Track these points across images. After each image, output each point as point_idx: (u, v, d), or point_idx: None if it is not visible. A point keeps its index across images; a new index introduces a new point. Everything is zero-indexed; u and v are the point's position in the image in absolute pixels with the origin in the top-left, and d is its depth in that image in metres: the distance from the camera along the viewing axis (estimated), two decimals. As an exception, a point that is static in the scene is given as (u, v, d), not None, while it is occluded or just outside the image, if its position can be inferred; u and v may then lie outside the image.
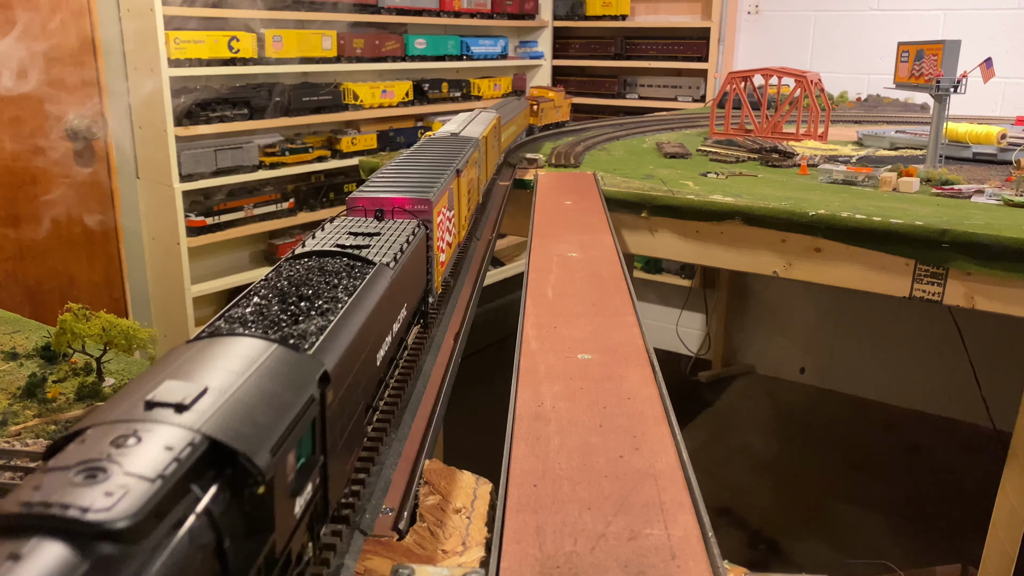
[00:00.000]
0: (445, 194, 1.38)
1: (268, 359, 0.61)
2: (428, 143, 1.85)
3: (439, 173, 1.45)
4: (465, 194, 1.70)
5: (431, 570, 0.73)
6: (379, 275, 0.91)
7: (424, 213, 1.24)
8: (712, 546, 0.69)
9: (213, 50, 3.60)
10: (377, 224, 1.14)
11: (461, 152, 1.71)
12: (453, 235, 1.54)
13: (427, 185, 1.34)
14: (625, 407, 0.95)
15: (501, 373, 1.19)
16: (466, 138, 1.93)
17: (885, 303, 4.53)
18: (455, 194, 1.53)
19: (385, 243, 1.04)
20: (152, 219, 3.73)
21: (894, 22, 4.62)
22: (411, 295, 1.11)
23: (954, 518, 3.60)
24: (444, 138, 1.94)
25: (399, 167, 1.52)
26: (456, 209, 1.57)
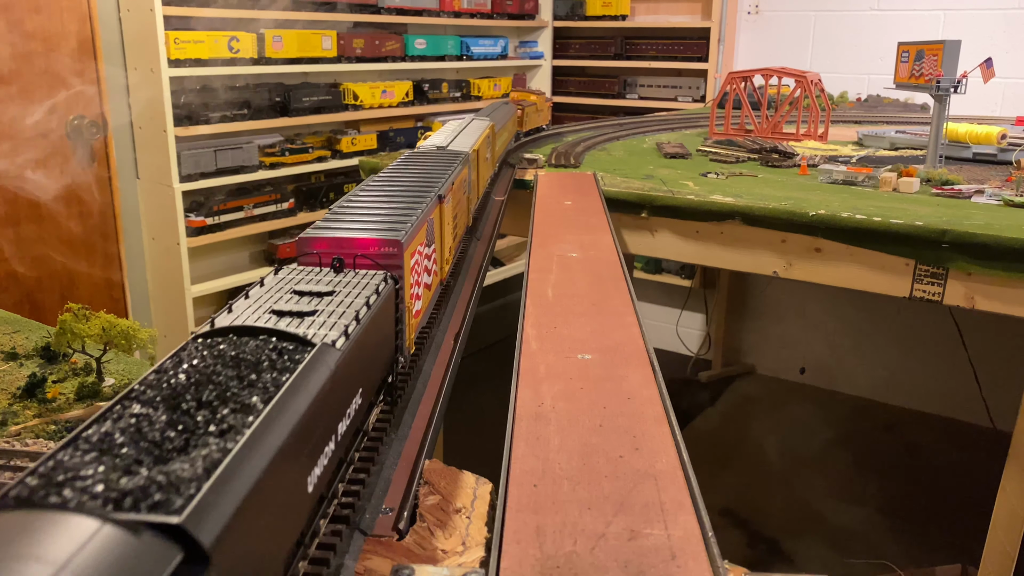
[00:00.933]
0: (422, 228, 1.15)
1: (85, 557, 0.39)
2: (410, 159, 1.62)
3: (416, 203, 1.21)
4: (450, 222, 1.47)
5: (431, 570, 0.73)
6: (319, 362, 0.67)
7: (393, 259, 1.00)
8: (712, 546, 0.69)
9: (213, 50, 3.60)
10: (332, 278, 0.91)
11: (446, 172, 1.48)
12: (434, 273, 1.31)
13: (399, 221, 1.09)
14: (625, 407, 0.95)
15: (501, 373, 1.19)
16: (454, 153, 1.71)
17: (885, 303, 4.54)
18: (436, 225, 1.31)
19: (338, 307, 0.81)
20: (152, 219, 3.73)
21: (894, 22, 4.62)
22: (371, 372, 0.87)
23: (954, 518, 3.60)
24: (428, 153, 1.72)
25: (368, 194, 1.27)
26: (438, 242, 1.34)
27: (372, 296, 0.86)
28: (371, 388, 0.87)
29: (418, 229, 1.12)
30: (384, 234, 1.02)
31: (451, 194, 1.45)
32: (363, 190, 1.29)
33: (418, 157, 1.64)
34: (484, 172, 2.16)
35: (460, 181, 1.59)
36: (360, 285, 0.89)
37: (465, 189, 1.72)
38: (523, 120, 3.32)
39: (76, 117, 3.30)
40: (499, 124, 2.57)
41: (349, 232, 1.02)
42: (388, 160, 2.98)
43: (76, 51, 3.27)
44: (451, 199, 1.46)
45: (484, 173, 2.16)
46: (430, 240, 1.25)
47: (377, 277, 0.93)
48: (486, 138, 2.16)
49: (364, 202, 1.22)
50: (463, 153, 1.72)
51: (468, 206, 1.82)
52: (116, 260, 3.60)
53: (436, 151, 1.73)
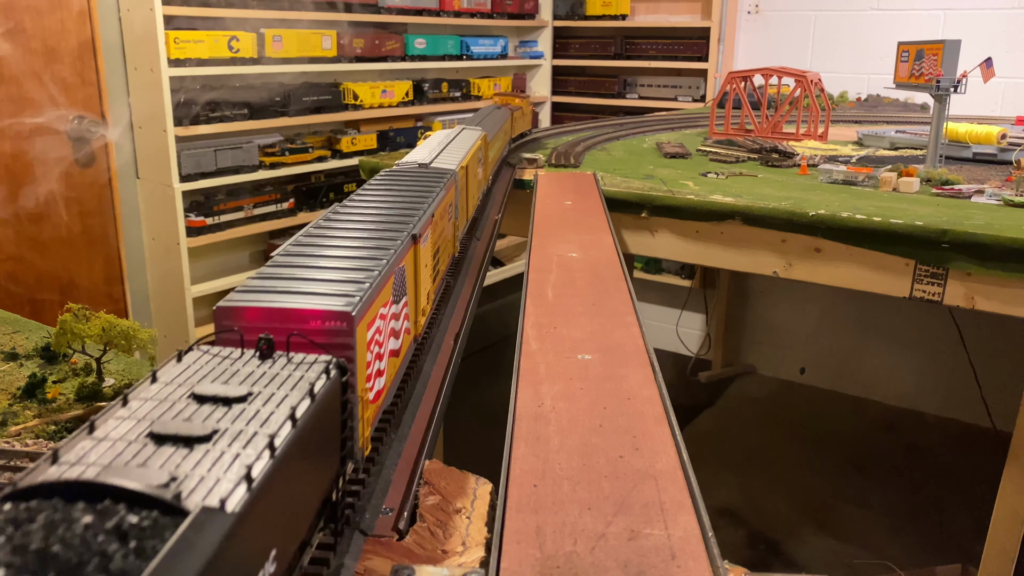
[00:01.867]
0: (388, 283, 0.91)
1: None
2: (384, 181, 1.36)
3: (380, 250, 0.95)
4: (428, 263, 1.21)
5: (431, 570, 0.73)
6: (191, 547, 0.42)
7: (341, 337, 0.76)
8: (712, 546, 0.69)
9: (213, 50, 3.60)
10: (254, 370, 0.66)
11: (425, 200, 1.22)
12: (405, 332, 1.06)
13: (354, 280, 0.84)
14: (625, 407, 0.95)
15: (501, 373, 1.19)
16: (437, 172, 1.46)
17: (885, 303, 4.54)
18: (409, 272, 1.06)
19: (249, 424, 0.56)
20: (152, 219, 3.73)
21: (894, 22, 4.62)
22: (295, 516, 0.61)
23: (954, 518, 3.60)
24: (407, 172, 1.46)
25: (321, 236, 1.01)
26: (410, 293, 1.08)
27: (303, 401, 0.61)
28: (294, 538, 0.61)
29: (380, 287, 0.87)
30: (330, 302, 0.77)
31: (430, 228, 1.19)
32: (317, 229, 1.03)
33: (394, 178, 1.39)
34: (474, 190, 1.91)
35: (443, 208, 1.35)
36: (290, 381, 0.64)
37: (450, 214, 1.48)
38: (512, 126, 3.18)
39: (76, 117, 3.30)
40: (492, 132, 2.32)
41: (283, 299, 0.78)
42: (389, 160, 2.98)
43: (76, 51, 3.27)
44: (430, 235, 1.19)
45: (474, 191, 1.91)
46: (399, 294, 0.99)
47: (316, 366, 0.68)
48: (477, 151, 1.91)
49: (314, 249, 0.95)
50: (448, 172, 1.47)
51: (454, 233, 1.57)
52: (116, 260, 3.60)
53: (417, 169, 1.49)
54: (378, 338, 0.87)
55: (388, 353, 0.94)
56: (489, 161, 2.27)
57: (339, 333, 0.76)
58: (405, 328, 1.05)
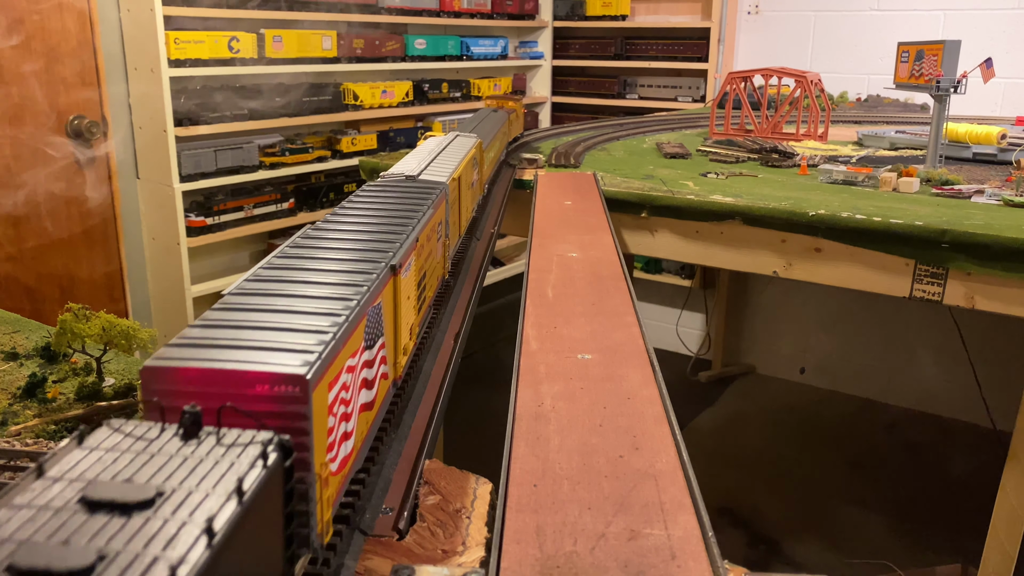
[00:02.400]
0: (358, 327, 0.76)
1: None
2: (366, 197, 1.21)
3: (351, 287, 0.80)
4: (411, 294, 1.05)
5: (431, 570, 0.73)
6: None
7: (292, 405, 0.61)
8: (712, 546, 0.69)
9: (213, 50, 3.60)
10: (173, 454, 0.52)
11: (409, 221, 1.07)
12: (381, 377, 0.89)
13: (315, 329, 0.69)
14: (625, 407, 0.95)
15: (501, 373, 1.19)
16: (426, 186, 1.31)
17: (885, 303, 4.54)
18: (387, 308, 0.90)
19: (149, 546, 0.43)
20: (152, 219, 3.73)
21: (894, 22, 4.62)
22: None
23: (954, 518, 3.60)
24: (392, 185, 1.31)
25: (283, 268, 0.85)
26: (389, 331, 0.92)
27: (227, 504, 0.47)
28: None
29: (349, 333, 0.72)
30: (282, 361, 0.62)
31: (415, 254, 1.04)
32: (282, 259, 0.88)
33: (377, 194, 1.24)
34: (468, 202, 1.77)
35: (431, 228, 1.19)
36: (215, 473, 0.50)
37: (440, 234, 1.33)
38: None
39: (76, 117, 3.30)
40: (488, 137, 2.19)
41: (224, 356, 0.62)
42: (389, 160, 2.98)
43: (76, 51, 3.26)
44: (414, 262, 1.04)
45: (468, 203, 1.77)
46: (374, 336, 0.84)
47: (251, 449, 0.53)
48: (471, 160, 1.77)
49: (274, 286, 0.79)
50: (438, 186, 1.31)
51: (444, 253, 1.41)
52: (116, 260, 3.60)
53: (403, 182, 1.34)
54: (344, 396, 0.72)
55: (358, 409, 0.78)
56: (485, 169, 2.12)
57: (291, 400, 0.61)
58: (381, 373, 0.89)
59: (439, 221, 1.30)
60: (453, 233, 1.53)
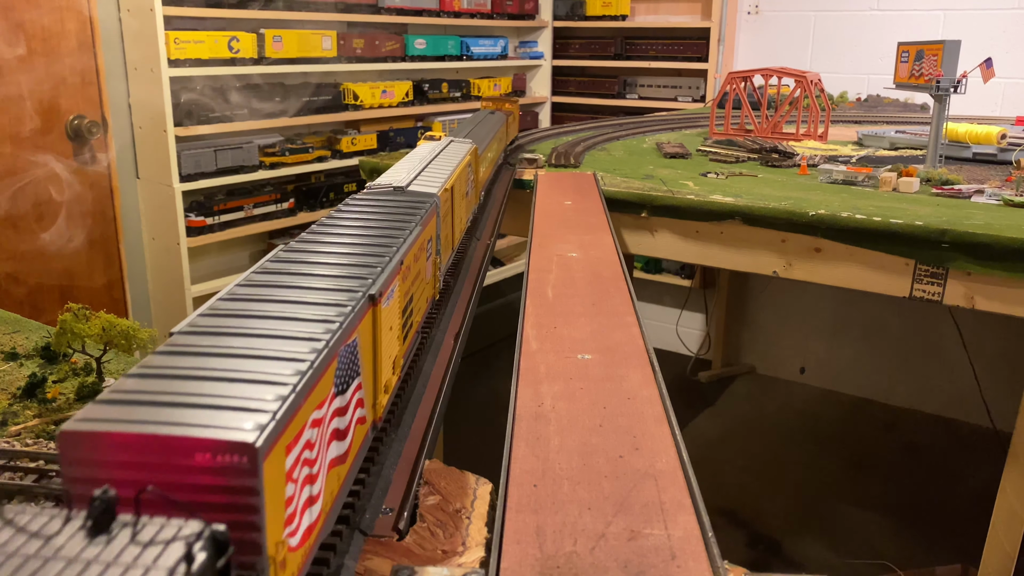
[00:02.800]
0: (327, 370, 0.64)
1: None
2: (349, 212, 1.10)
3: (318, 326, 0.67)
4: (394, 323, 0.92)
5: (431, 570, 0.73)
6: None
7: (239, 478, 0.49)
8: (712, 546, 0.69)
9: (213, 50, 3.60)
10: (70, 558, 0.40)
11: (395, 240, 0.96)
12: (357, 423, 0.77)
13: (273, 379, 0.57)
14: (625, 407, 0.95)
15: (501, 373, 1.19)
16: (416, 198, 1.20)
17: (885, 303, 4.54)
18: (363, 344, 0.77)
19: None
20: (152, 219, 3.73)
21: (894, 22, 4.62)
22: None
23: (954, 518, 3.60)
24: (378, 198, 1.19)
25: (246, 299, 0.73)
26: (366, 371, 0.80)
27: None
28: None
29: (315, 381, 0.60)
30: (227, 423, 0.50)
31: (399, 279, 0.92)
32: (246, 288, 0.75)
33: (360, 208, 1.12)
34: (462, 213, 1.64)
35: (419, 247, 1.08)
36: None
37: (429, 251, 1.21)
38: None
39: (76, 117, 3.30)
40: (484, 141, 2.07)
41: (155, 416, 0.50)
42: (389, 160, 2.98)
43: (76, 51, 3.26)
44: (398, 288, 0.92)
45: (462, 214, 1.64)
46: (347, 378, 0.71)
47: (173, 549, 0.41)
48: (465, 167, 1.65)
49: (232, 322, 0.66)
50: (428, 199, 1.20)
51: (435, 272, 1.29)
52: (116, 260, 3.60)
53: (391, 194, 1.23)
54: (308, 455, 0.60)
55: (327, 465, 0.66)
56: (481, 175, 2.00)
57: (237, 472, 0.48)
58: (357, 418, 0.76)
59: (429, 238, 1.18)
60: (445, 248, 1.40)
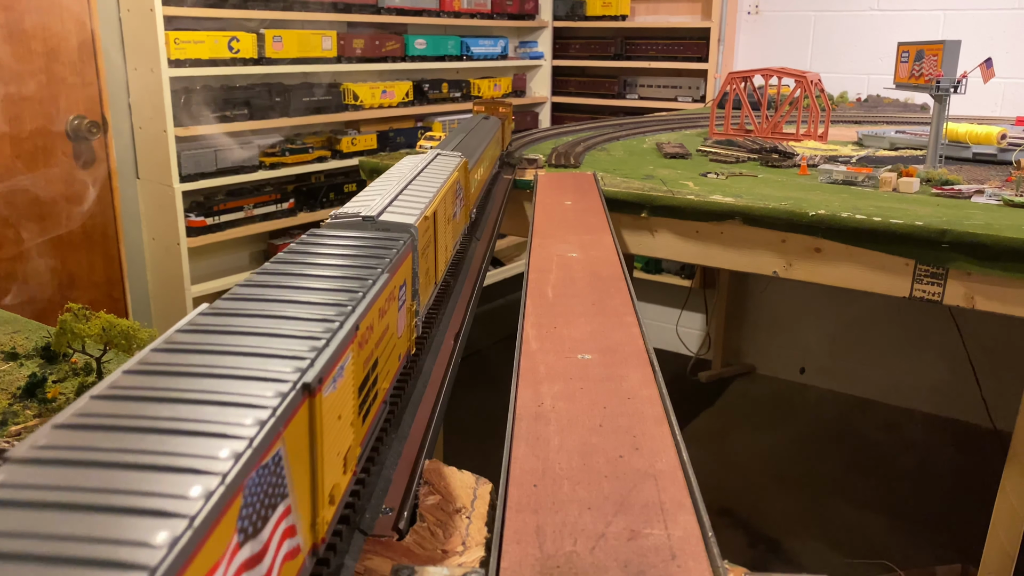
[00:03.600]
0: (221, 518, 0.43)
1: None
2: (301, 253, 0.87)
3: (218, 452, 0.45)
4: (344, 412, 0.69)
5: (431, 570, 0.73)
6: None
7: None
8: (712, 546, 0.69)
9: (213, 50, 3.60)
10: None
11: (353, 296, 0.74)
12: (286, 557, 0.55)
13: (119, 564, 0.36)
14: (625, 407, 0.95)
15: (501, 373, 1.19)
16: (387, 232, 0.99)
17: (885, 303, 4.54)
18: (295, 453, 0.56)
19: None
20: (152, 219, 3.73)
21: (894, 22, 4.62)
22: None
23: (954, 518, 3.60)
24: (341, 234, 0.96)
25: (120, 398, 0.52)
26: (302, 486, 0.58)
27: None
28: None
29: (199, 543, 0.40)
30: None
31: (352, 350, 0.69)
32: (132, 376, 0.57)
33: (317, 247, 0.90)
34: (447, 240, 1.41)
35: (388, 296, 0.86)
36: None
37: (402, 297, 0.98)
38: None
39: (76, 117, 3.30)
40: (476, 151, 1.89)
41: None
42: (389, 161, 2.98)
43: (76, 51, 3.26)
44: (352, 360, 0.69)
45: (447, 242, 1.41)
46: (261, 515, 0.50)
47: None
48: (452, 186, 1.44)
49: (94, 437, 0.46)
50: (402, 233, 0.99)
51: (411, 321, 1.05)
52: (116, 260, 3.60)
53: (358, 225, 1.03)
54: None
55: None
56: (472, 192, 1.78)
57: None
58: (286, 553, 0.55)
59: (401, 282, 0.96)
60: (425, 287, 1.17)
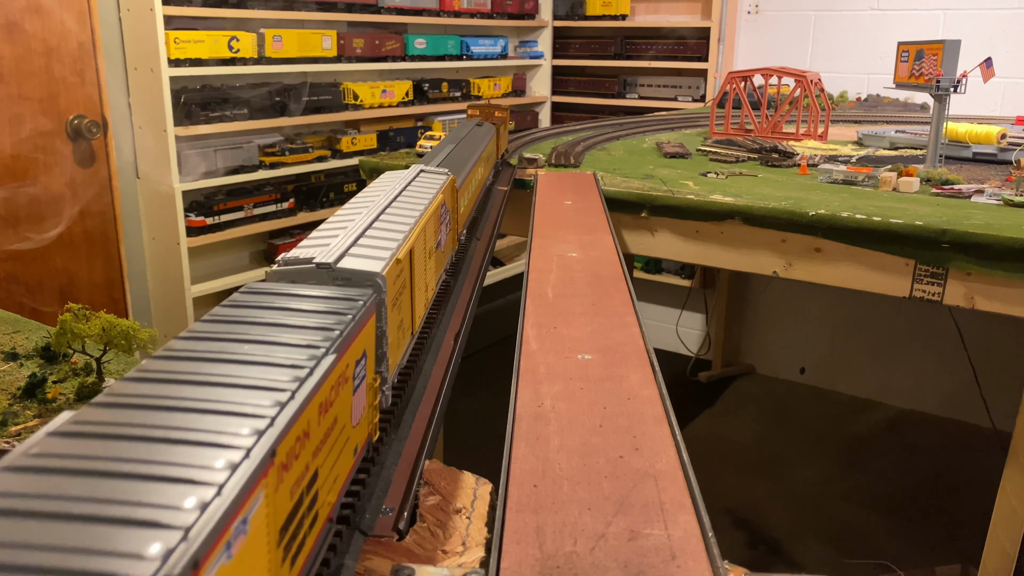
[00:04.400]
0: None
1: None
2: (223, 323, 0.66)
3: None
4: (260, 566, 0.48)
5: (431, 570, 0.73)
6: None
7: None
8: (712, 546, 0.69)
9: (213, 50, 3.60)
10: None
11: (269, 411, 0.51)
12: None
13: None
14: (625, 407, 0.95)
15: (501, 373, 1.19)
16: (346, 288, 0.78)
17: (885, 303, 4.54)
18: None
19: None
20: (152, 219, 3.73)
21: (894, 22, 4.62)
22: None
23: (954, 518, 3.60)
24: (284, 292, 0.75)
25: None
26: None
27: None
28: None
29: None
30: None
31: (262, 490, 0.48)
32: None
33: (249, 315, 0.68)
34: (429, 276, 1.18)
35: (339, 376, 0.66)
36: None
37: (360, 372, 0.75)
38: None
39: (76, 117, 3.30)
40: (467, 167, 1.66)
41: None
42: (389, 160, 2.98)
43: (76, 51, 3.26)
44: (263, 503, 0.48)
45: (429, 278, 1.18)
46: None
47: None
48: (436, 211, 1.21)
49: None
50: (364, 289, 0.78)
51: (374, 400, 0.82)
52: (116, 260, 3.60)
53: (311, 275, 0.81)
54: None
55: None
56: (461, 214, 1.58)
57: None
58: None
59: (359, 354, 0.74)
60: (396, 346, 0.92)
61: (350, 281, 0.82)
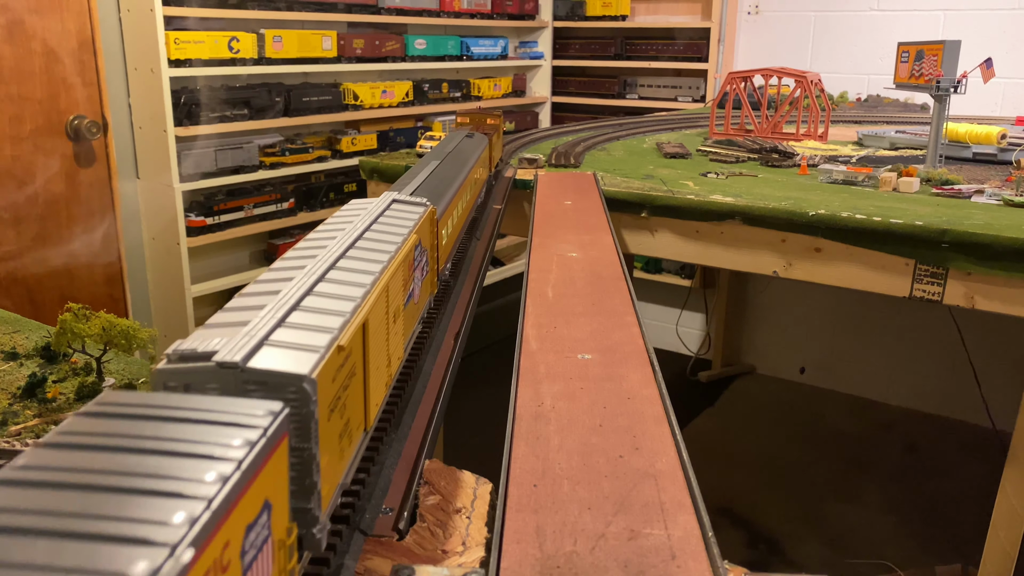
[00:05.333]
0: None
1: None
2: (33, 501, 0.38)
3: None
4: None
5: (431, 570, 0.73)
6: None
7: None
8: (712, 546, 0.69)
9: (213, 50, 3.60)
10: None
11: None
12: None
13: None
14: (625, 407, 0.95)
15: (501, 373, 1.19)
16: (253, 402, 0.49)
17: (885, 303, 4.54)
18: None
19: None
20: (152, 219, 3.73)
21: (894, 22, 4.62)
22: None
23: (954, 518, 3.60)
24: (167, 408, 0.46)
25: None
26: None
27: None
28: None
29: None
30: None
31: None
32: None
33: (90, 461, 0.41)
34: (395, 342, 0.92)
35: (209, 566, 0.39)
36: None
37: (254, 542, 0.46)
38: None
39: (76, 117, 3.30)
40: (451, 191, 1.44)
41: None
42: (389, 161, 2.98)
43: (76, 51, 3.26)
44: None
45: (396, 342, 0.92)
46: None
47: None
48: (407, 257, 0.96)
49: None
50: (278, 407, 0.50)
51: (283, 565, 0.52)
52: (116, 260, 3.60)
53: (211, 377, 0.55)
54: None
55: None
56: (444, 245, 1.35)
57: None
58: None
59: (249, 516, 0.46)
60: (336, 463, 0.67)
61: (265, 386, 0.56)
